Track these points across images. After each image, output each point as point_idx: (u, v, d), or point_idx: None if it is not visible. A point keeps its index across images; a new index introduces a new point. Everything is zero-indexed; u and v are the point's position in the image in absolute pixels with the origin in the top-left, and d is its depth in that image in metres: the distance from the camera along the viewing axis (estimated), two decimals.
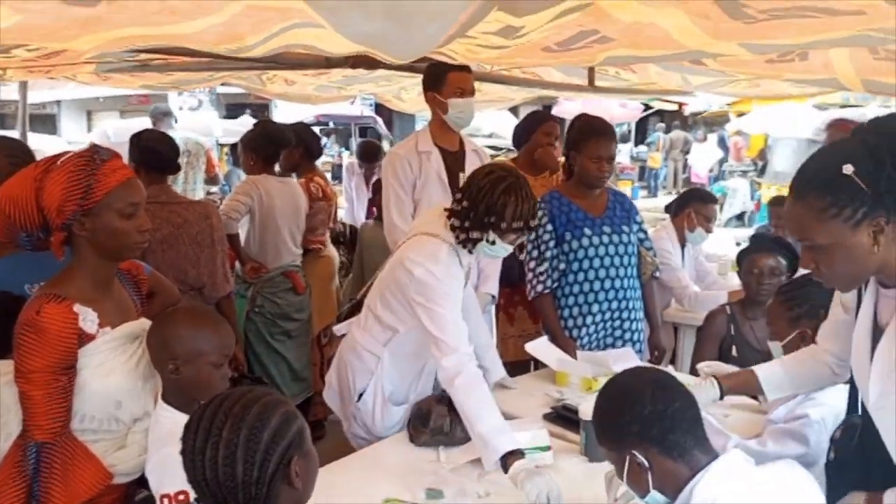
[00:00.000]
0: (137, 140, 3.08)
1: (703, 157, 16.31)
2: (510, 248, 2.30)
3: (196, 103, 12.40)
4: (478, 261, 3.10)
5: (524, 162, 3.60)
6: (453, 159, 3.15)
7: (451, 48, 2.12)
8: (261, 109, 16.95)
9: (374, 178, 5.59)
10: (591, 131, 2.91)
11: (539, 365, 3.13)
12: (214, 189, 6.54)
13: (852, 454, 1.65)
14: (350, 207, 5.87)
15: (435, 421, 2.22)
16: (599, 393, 1.52)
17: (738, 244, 6.99)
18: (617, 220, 3.06)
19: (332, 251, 4.23)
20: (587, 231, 2.95)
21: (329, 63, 2.90)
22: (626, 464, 1.41)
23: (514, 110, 11.48)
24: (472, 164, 3.17)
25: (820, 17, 1.39)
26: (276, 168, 3.81)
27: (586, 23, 1.62)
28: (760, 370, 1.93)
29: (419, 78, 4.30)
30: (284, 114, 12.68)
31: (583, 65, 3.28)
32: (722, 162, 16.00)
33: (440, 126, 3.14)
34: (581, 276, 2.95)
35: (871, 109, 8.72)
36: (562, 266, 2.95)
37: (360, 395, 2.44)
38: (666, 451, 1.38)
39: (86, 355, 1.67)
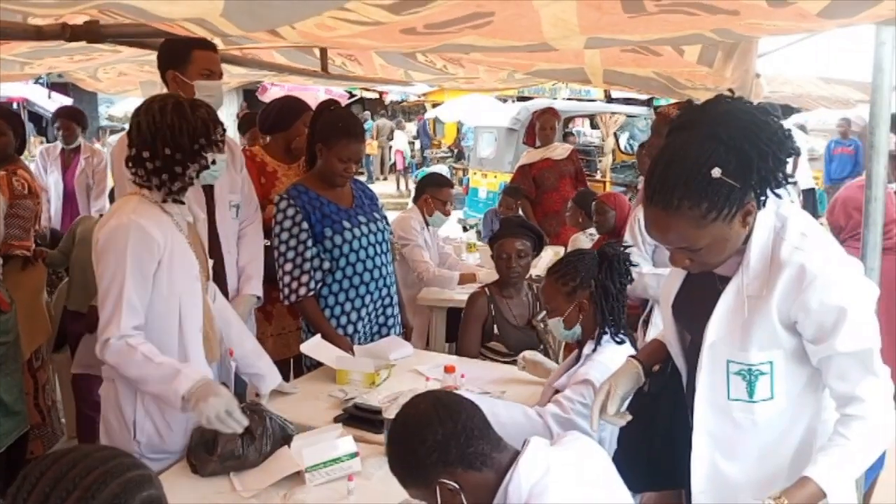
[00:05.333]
0: None
1: (403, 144, 17.09)
2: (224, 159, 2.13)
3: None
4: (238, 264, 2.84)
5: (278, 148, 3.37)
6: None
7: (304, 21, 1.87)
8: None
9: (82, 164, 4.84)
10: (344, 131, 2.75)
11: (301, 362, 2.98)
12: None
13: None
14: (49, 205, 5.02)
15: (224, 446, 1.95)
16: (388, 442, 1.47)
17: (465, 228, 7.52)
18: (367, 208, 3.00)
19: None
20: (346, 224, 2.83)
21: (40, 35, 2.37)
22: (438, 495, 1.37)
23: None
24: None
25: (699, 14, 1.47)
26: None
27: (488, 4, 1.50)
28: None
29: (126, 53, 3.81)
30: None
31: (421, 50, 3.10)
32: (424, 149, 16.92)
33: None
34: (350, 271, 2.83)
35: (541, 101, 9.88)
36: (326, 265, 2.80)
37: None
38: (470, 465, 1.37)
39: None
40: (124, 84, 5.78)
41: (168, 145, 1.96)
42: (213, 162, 2.05)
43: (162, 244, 1.97)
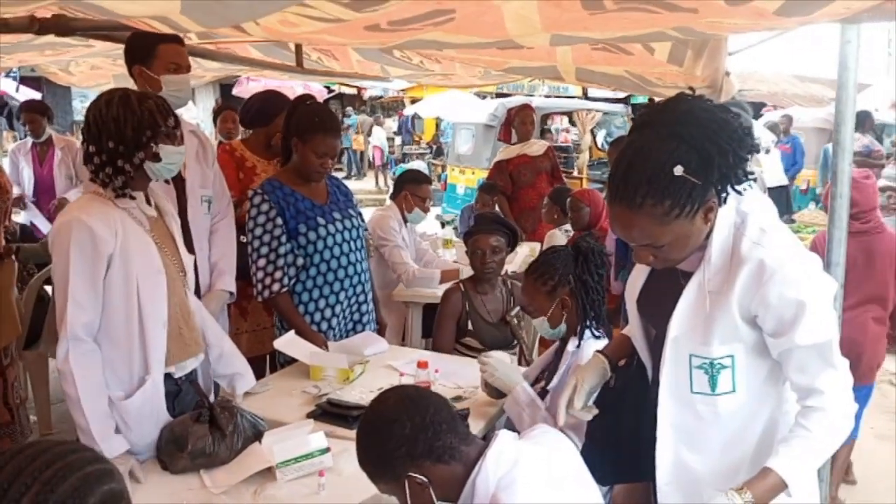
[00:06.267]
0: None
1: (382, 140, 17.02)
2: (181, 152, 2.07)
3: None
4: (210, 259, 2.83)
5: (258, 143, 3.34)
6: None
7: (267, 18, 1.85)
8: None
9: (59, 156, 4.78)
10: (320, 126, 2.73)
11: (275, 359, 2.97)
12: None
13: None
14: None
15: (194, 444, 1.96)
16: (357, 438, 1.46)
17: (442, 224, 7.52)
18: (342, 204, 2.98)
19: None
20: (321, 220, 2.81)
21: (7, 27, 2.34)
22: (407, 488, 1.38)
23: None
24: (191, 147, 2.85)
25: (659, 12, 1.47)
26: None
27: (448, 2, 1.50)
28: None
29: (98, 48, 3.76)
30: None
31: (385, 47, 3.06)
32: (405, 145, 16.88)
33: None
34: (324, 268, 2.81)
35: (518, 98, 9.91)
36: (300, 261, 2.79)
37: None
38: (438, 458, 1.38)
39: None
40: (97, 78, 5.71)
41: (112, 138, 1.93)
42: (158, 158, 1.98)
43: (110, 241, 1.92)
